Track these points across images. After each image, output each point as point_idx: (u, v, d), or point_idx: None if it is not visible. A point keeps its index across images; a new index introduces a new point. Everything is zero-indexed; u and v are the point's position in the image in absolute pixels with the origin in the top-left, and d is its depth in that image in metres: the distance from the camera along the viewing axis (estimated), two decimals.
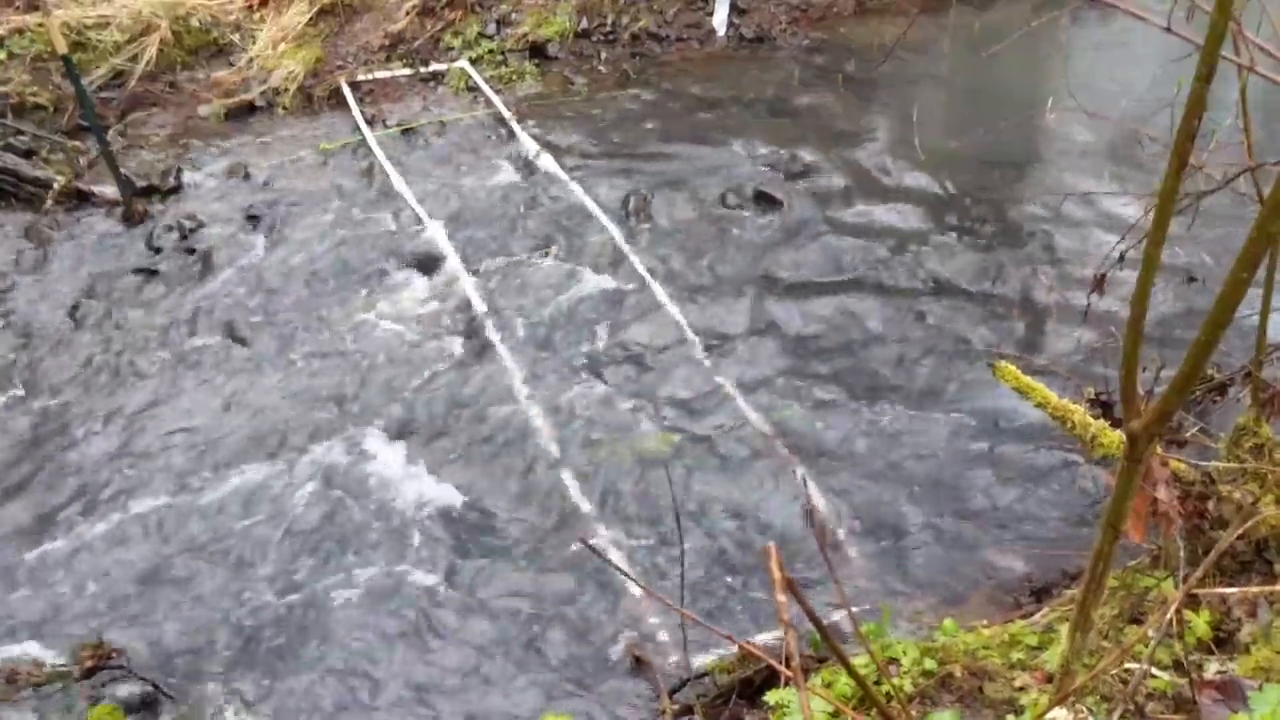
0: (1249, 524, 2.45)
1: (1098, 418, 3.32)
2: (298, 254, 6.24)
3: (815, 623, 1.10)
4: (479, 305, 5.66)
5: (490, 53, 8.55)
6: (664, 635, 3.84)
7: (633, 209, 6.50)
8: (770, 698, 2.48)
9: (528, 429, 4.85)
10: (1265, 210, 1.08)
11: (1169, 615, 1.54)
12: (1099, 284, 3.28)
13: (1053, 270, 5.76)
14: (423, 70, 8.38)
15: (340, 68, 8.38)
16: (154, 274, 6.15)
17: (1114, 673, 2.21)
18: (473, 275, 5.92)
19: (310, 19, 8.65)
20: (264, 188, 7.00)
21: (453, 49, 8.60)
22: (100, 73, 7.97)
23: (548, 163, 6.99)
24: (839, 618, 3.62)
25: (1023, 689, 2.39)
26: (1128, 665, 2.24)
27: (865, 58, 8.25)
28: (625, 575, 4.08)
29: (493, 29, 8.76)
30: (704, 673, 3.51)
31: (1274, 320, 2.63)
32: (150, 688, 3.71)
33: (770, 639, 3.68)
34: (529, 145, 7.23)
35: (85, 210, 6.77)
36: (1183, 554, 2.46)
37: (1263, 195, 2.27)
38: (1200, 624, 2.41)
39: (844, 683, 2.48)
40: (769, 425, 4.78)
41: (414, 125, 7.66)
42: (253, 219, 6.61)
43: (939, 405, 4.88)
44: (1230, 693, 1.88)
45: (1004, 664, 2.54)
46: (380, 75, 8.32)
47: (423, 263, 6.06)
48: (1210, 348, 1.15)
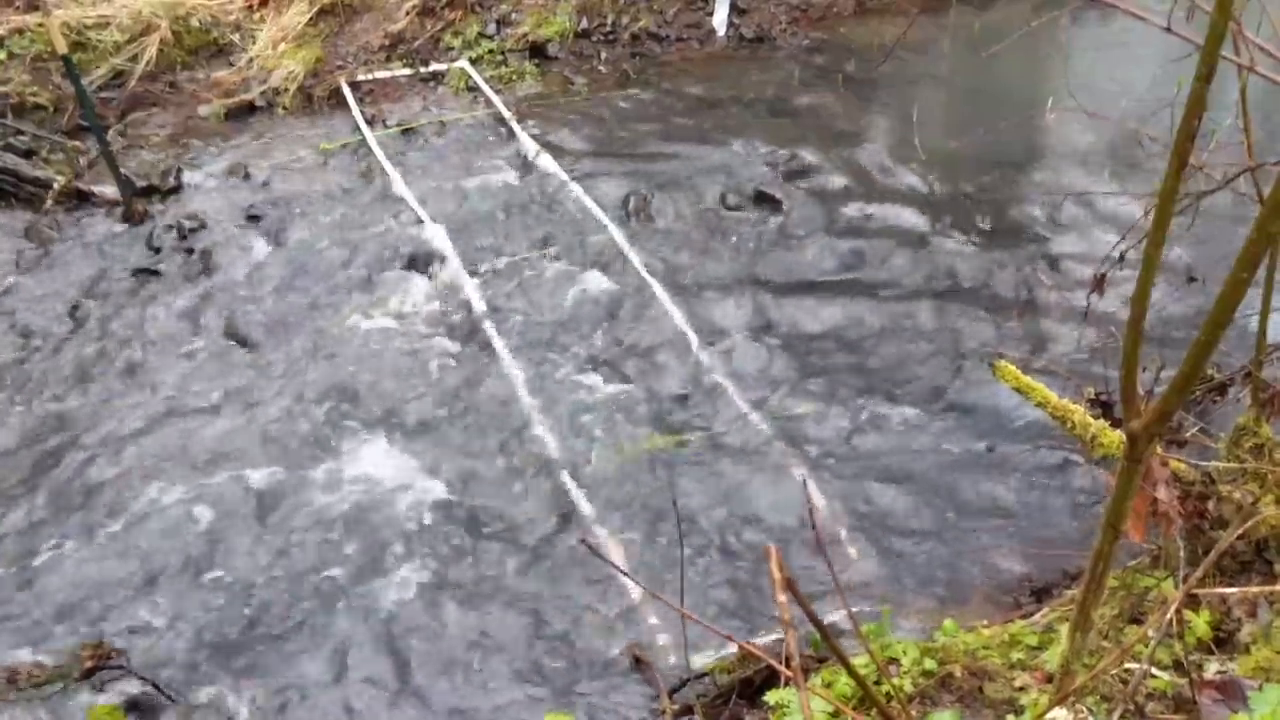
0: (1249, 524, 2.45)
1: (1098, 418, 3.32)
2: (298, 254, 6.24)
3: (815, 623, 1.10)
4: (479, 305, 5.66)
5: (490, 53, 8.55)
6: (664, 635, 3.84)
7: (633, 209, 6.50)
8: (770, 698, 2.48)
9: (528, 429, 4.85)
10: (1265, 210, 1.08)
11: (1169, 615, 1.54)
12: (1099, 284, 3.28)
13: (1053, 270, 5.76)
14: (423, 70, 8.38)
15: (340, 68, 8.38)
16: (154, 274, 6.15)
17: (1114, 673, 2.22)
18: (473, 275, 5.92)
19: (310, 19, 8.65)
20: (264, 188, 7.00)
21: (453, 49, 8.60)
22: (100, 73, 7.97)
23: (548, 163, 6.99)
24: (839, 618, 3.62)
25: (1023, 689, 2.39)
26: (1128, 665, 2.24)
27: (865, 58, 8.25)
28: (625, 575, 4.08)
29: (493, 29, 8.76)
30: (704, 673, 3.51)
31: (1274, 320, 2.63)
32: (150, 688, 3.71)
33: (770, 639, 3.68)
34: (529, 145, 7.23)
35: (85, 210, 6.77)
36: (1183, 554, 2.46)
37: (1263, 195, 2.27)
38: (1200, 624, 2.41)
39: (844, 683, 2.48)
40: (769, 425, 4.78)
41: (414, 125, 7.66)
42: (253, 219, 6.61)
43: (939, 405, 4.88)
44: (1230, 693, 1.88)
45: (1004, 664, 2.54)
46: (380, 75, 8.32)
47: (423, 262, 6.06)
48: (1210, 348, 1.15)
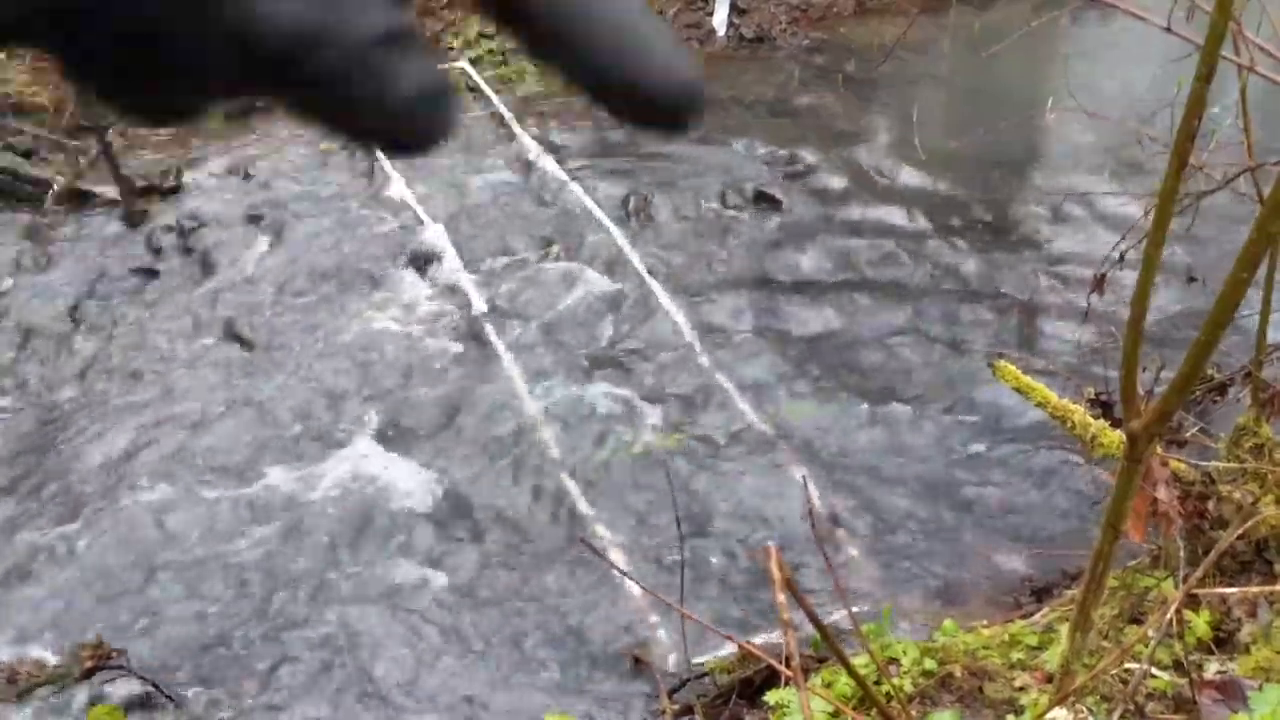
0: (1249, 524, 2.45)
1: (1098, 418, 3.32)
2: (298, 254, 6.24)
3: (815, 623, 1.10)
4: (479, 305, 5.66)
5: (490, 53, 8.55)
6: (664, 635, 3.84)
7: (633, 209, 6.50)
8: (770, 698, 2.48)
9: (528, 429, 4.85)
10: (1265, 210, 1.08)
11: (1169, 615, 1.54)
12: (1099, 284, 3.28)
13: (1053, 270, 5.76)
14: None
15: None
16: (154, 274, 6.15)
17: (1114, 673, 2.22)
18: (473, 275, 5.92)
19: None
20: (264, 188, 7.00)
21: (453, 49, 8.60)
22: None
23: (548, 163, 6.99)
24: (839, 618, 3.62)
25: (1023, 689, 2.39)
26: (1128, 665, 2.24)
27: (865, 58, 8.25)
28: (625, 575, 4.07)
29: (493, 29, 8.75)
30: (704, 673, 3.51)
31: (1274, 320, 2.63)
32: (150, 688, 3.71)
33: (770, 639, 3.68)
34: (529, 145, 7.23)
35: (85, 210, 6.77)
36: (1183, 554, 2.46)
37: (1263, 195, 2.27)
38: (1200, 624, 2.41)
39: (844, 683, 2.48)
40: (769, 425, 4.78)
41: None
42: (253, 219, 6.61)
43: (939, 405, 4.88)
44: (1230, 693, 1.88)
45: (1004, 664, 2.54)
46: None
47: (423, 262, 6.06)
48: (1210, 348, 1.15)
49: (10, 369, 5.44)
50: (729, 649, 3.59)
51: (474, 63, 8.41)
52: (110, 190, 6.75)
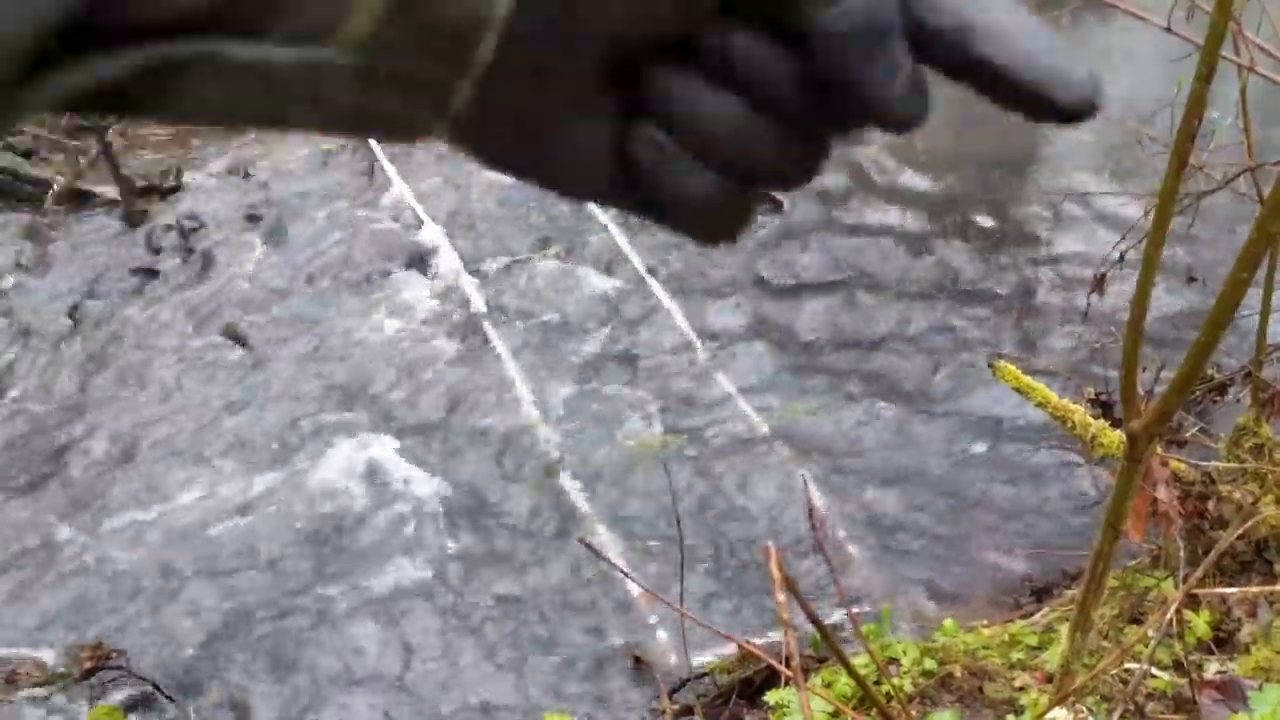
0: (1249, 524, 2.45)
1: (1098, 418, 3.32)
2: (298, 254, 6.24)
3: (815, 623, 1.10)
4: (479, 305, 5.67)
5: None
6: (664, 635, 3.84)
7: None
8: (770, 698, 2.48)
9: (527, 429, 4.85)
10: (1265, 210, 1.08)
11: (1169, 615, 1.54)
12: (1099, 284, 3.28)
13: (1053, 270, 5.76)
14: None
15: None
16: (154, 274, 6.15)
17: (1114, 673, 2.22)
18: (473, 275, 5.92)
19: None
20: (264, 188, 7.00)
21: None
22: None
23: None
24: (839, 618, 3.62)
25: (1023, 689, 2.39)
26: (1128, 665, 2.24)
27: None
28: (625, 575, 4.07)
29: None
30: (704, 673, 3.51)
31: (1274, 320, 2.63)
32: (150, 688, 3.71)
33: (770, 639, 3.68)
34: None
35: (85, 210, 6.77)
36: (1183, 554, 2.46)
37: (1263, 195, 2.27)
38: (1200, 624, 2.41)
39: (844, 683, 2.49)
40: (769, 425, 4.78)
41: None
42: (253, 219, 6.61)
43: (939, 405, 4.88)
44: (1230, 693, 1.88)
45: (1004, 664, 2.54)
46: None
47: (423, 262, 6.06)
48: (1210, 348, 1.15)
49: (10, 369, 5.44)
50: (729, 649, 3.59)
51: None
52: (110, 190, 6.75)
